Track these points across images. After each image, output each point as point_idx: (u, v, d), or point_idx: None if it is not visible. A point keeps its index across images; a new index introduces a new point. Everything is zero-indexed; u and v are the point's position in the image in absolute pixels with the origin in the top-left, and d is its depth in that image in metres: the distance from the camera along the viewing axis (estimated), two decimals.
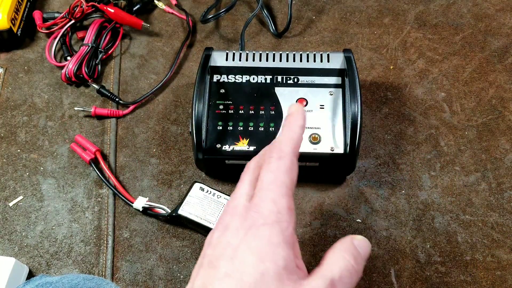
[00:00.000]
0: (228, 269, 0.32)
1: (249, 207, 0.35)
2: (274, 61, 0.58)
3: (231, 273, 0.32)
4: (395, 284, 0.51)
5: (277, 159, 0.36)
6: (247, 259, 0.32)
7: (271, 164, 0.36)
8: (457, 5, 0.72)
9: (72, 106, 0.64)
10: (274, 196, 0.35)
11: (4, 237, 0.55)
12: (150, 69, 0.67)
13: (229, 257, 0.33)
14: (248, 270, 0.32)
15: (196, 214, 0.52)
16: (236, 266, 0.32)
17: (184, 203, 0.53)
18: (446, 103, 0.63)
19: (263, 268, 0.32)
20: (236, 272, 0.32)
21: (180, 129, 0.62)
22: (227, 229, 0.34)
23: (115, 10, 0.68)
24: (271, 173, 0.36)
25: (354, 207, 0.56)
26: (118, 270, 0.53)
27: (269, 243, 0.33)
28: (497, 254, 0.52)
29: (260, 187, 0.36)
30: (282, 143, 0.37)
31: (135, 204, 0.55)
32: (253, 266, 0.32)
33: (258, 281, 0.31)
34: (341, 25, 0.71)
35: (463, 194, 0.56)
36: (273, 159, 0.36)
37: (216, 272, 0.32)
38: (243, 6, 0.73)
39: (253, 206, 0.35)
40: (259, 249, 0.33)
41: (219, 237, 0.34)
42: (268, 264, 0.32)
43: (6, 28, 0.66)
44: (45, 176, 0.59)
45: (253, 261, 0.32)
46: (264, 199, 0.35)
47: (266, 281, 0.31)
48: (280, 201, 0.34)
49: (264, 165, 0.37)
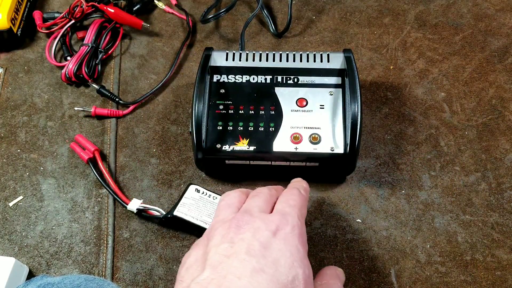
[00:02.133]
0: (261, 264, 0.33)
1: (272, 215, 0.38)
2: (274, 61, 0.58)
3: (265, 269, 0.33)
4: (395, 284, 0.51)
5: (299, 194, 0.42)
6: (280, 260, 0.34)
7: (294, 194, 0.42)
8: (457, 5, 0.72)
9: (72, 106, 0.64)
10: (298, 215, 0.39)
11: (4, 237, 0.55)
12: (150, 69, 0.67)
13: (260, 253, 0.33)
14: (282, 271, 0.33)
15: (192, 216, 0.52)
16: (268, 263, 0.33)
17: (180, 204, 0.53)
18: (446, 103, 0.63)
19: (295, 273, 0.33)
20: (269, 268, 0.33)
21: (180, 129, 0.62)
22: (258, 230, 0.36)
23: (115, 10, 0.68)
24: (294, 200, 0.40)
25: (354, 207, 0.56)
26: (118, 270, 0.53)
27: (298, 251, 0.35)
28: (497, 254, 0.52)
29: (284, 204, 0.40)
30: (300, 188, 0.44)
31: (129, 206, 0.55)
32: (285, 267, 0.33)
33: (290, 282, 0.33)
34: (341, 25, 0.71)
35: (463, 194, 0.56)
36: (296, 191, 0.42)
37: (243, 263, 0.33)
38: (243, 6, 0.73)
39: (279, 214, 0.38)
40: (290, 254, 0.35)
41: (244, 233, 0.36)
42: (298, 269, 0.34)
43: (6, 28, 0.66)
44: (45, 176, 0.59)
45: (286, 263, 0.34)
46: (290, 213, 0.38)
47: (296, 285, 0.33)
48: (302, 221, 0.39)
49: (285, 193, 0.42)
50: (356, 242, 0.54)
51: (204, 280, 0.32)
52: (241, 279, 0.32)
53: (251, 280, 0.32)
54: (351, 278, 0.51)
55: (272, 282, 0.32)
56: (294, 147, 0.53)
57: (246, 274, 0.32)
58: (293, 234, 0.36)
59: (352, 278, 0.51)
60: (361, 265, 0.52)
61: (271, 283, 0.32)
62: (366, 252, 0.53)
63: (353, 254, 0.53)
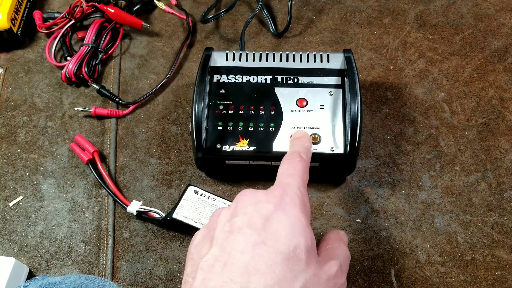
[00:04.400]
0: (262, 236, 0.34)
1: (273, 187, 0.39)
2: (274, 61, 0.58)
3: (266, 241, 0.34)
4: (395, 284, 0.51)
5: (299, 160, 0.42)
6: (280, 231, 0.35)
7: (294, 161, 0.42)
8: (457, 5, 0.72)
9: (72, 106, 0.64)
10: (299, 184, 0.39)
11: (4, 237, 0.55)
12: (150, 69, 0.67)
13: (260, 226, 0.34)
14: (283, 241, 0.34)
15: (191, 218, 0.52)
16: (269, 235, 0.34)
17: (179, 206, 0.53)
18: (446, 103, 0.63)
19: (296, 242, 0.34)
20: (270, 240, 0.34)
21: (180, 129, 0.62)
22: (258, 203, 0.36)
23: (115, 10, 0.68)
24: (294, 168, 0.41)
25: (354, 207, 0.56)
26: (118, 270, 0.53)
27: (299, 221, 0.36)
28: (497, 254, 0.53)
29: (284, 175, 0.40)
30: (300, 151, 0.44)
31: (128, 208, 0.55)
32: (287, 237, 0.34)
33: (291, 252, 0.33)
34: (341, 25, 0.71)
35: (463, 194, 0.56)
36: (296, 156, 0.43)
37: (245, 237, 0.34)
38: (243, 6, 0.73)
39: (279, 186, 0.39)
40: (291, 224, 0.35)
41: (246, 206, 0.37)
42: (300, 239, 0.34)
43: (6, 28, 0.66)
44: (45, 176, 0.59)
45: (287, 234, 0.34)
46: (290, 184, 0.39)
47: (298, 254, 0.34)
48: (303, 190, 0.39)
49: (285, 161, 0.42)
50: (356, 242, 0.54)
51: (211, 259, 0.34)
52: (243, 254, 0.33)
53: (253, 253, 0.33)
54: (351, 278, 0.51)
55: (274, 254, 0.33)
56: None
57: (248, 249, 0.33)
58: (294, 205, 0.37)
59: (352, 278, 0.51)
60: (361, 265, 0.52)
61: (272, 255, 0.33)
62: (366, 252, 0.53)
63: (353, 254, 0.53)
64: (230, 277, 0.32)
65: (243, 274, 0.32)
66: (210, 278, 0.32)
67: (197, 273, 0.33)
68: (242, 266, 0.32)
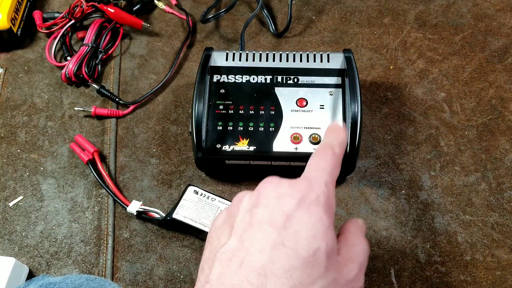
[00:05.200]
0: (282, 236, 0.33)
1: (299, 179, 0.36)
2: (274, 61, 0.58)
3: (285, 242, 0.32)
4: (395, 284, 0.51)
5: (331, 154, 0.39)
6: (301, 232, 0.33)
7: (326, 155, 0.39)
8: (457, 5, 0.72)
9: (72, 106, 0.64)
10: (327, 180, 0.36)
11: (4, 237, 0.55)
12: (150, 69, 0.67)
13: (281, 224, 0.33)
14: (302, 244, 0.33)
15: (191, 218, 0.52)
16: (289, 236, 0.33)
17: (179, 206, 0.53)
18: (446, 103, 0.63)
19: (317, 246, 0.33)
20: (289, 241, 0.33)
21: (180, 129, 0.62)
22: (282, 197, 0.35)
23: (115, 10, 0.68)
24: (325, 162, 0.38)
25: (354, 207, 0.56)
26: (118, 270, 0.53)
27: (321, 222, 0.34)
28: (497, 254, 0.53)
29: (313, 167, 0.37)
30: (334, 144, 0.41)
31: (129, 208, 0.55)
32: (306, 240, 0.33)
33: (311, 256, 0.32)
34: (341, 25, 0.71)
35: (463, 194, 0.56)
36: (329, 150, 0.39)
37: (265, 235, 0.33)
38: (243, 6, 0.73)
39: (306, 180, 0.36)
40: (312, 226, 0.34)
41: (269, 198, 0.35)
42: (321, 242, 0.33)
43: (6, 28, 0.66)
44: (45, 176, 0.59)
45: (307, 236, 0.33)
46: (318, 178, 0.36)
47: (318, 258, 0.32)
48: (330, 187, 0.36)
49: (316, 153, 0.39)
50: None
51: (229, 251, 0.33)
52: (262, 254, 0.32)
53: (271, 254, 0.32)
54: None
55: (292, 257, 0.32)
56: (294, 147, 0.53)
57: (267, 248, 0.32)
58: (318, 203, 0.35)
59: None
60: None
61: (291, 259, 0.32)
62: None
63: None
64: (246, 277, 0.31)
65: (259, 275, 0.31)
66: (227, 274, 0.32)
67: (214, 263, 0.33)
68: (259, 267, 0.31)
